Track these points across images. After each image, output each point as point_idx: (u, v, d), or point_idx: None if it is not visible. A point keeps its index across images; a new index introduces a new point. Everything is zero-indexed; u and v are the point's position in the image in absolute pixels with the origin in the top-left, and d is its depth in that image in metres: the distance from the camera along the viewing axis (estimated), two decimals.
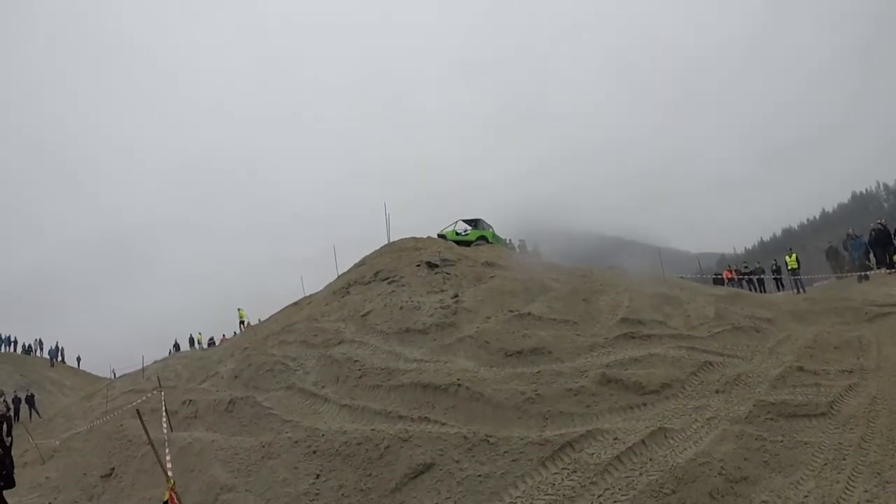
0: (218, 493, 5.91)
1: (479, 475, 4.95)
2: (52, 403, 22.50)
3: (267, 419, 7.72)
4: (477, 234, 16.81)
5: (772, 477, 4.95)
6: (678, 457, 5.07)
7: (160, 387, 10.49)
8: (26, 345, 32.95)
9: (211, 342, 27.27)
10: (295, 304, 19.20)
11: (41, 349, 32.71)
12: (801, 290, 13.41)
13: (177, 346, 29.64)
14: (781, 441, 5.49)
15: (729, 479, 4.80)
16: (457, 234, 16.82)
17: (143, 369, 19.37)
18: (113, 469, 8.62)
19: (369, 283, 12.04)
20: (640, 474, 4.88)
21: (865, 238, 12.04)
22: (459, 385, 6.70)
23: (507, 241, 18.85)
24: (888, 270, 11.05)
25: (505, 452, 5.22)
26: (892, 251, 11.64)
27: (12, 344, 31.93)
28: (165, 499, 4.44)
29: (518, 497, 4.71)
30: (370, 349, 8.76)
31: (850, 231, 12.43)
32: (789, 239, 62.84)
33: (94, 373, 32.24)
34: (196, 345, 28.31)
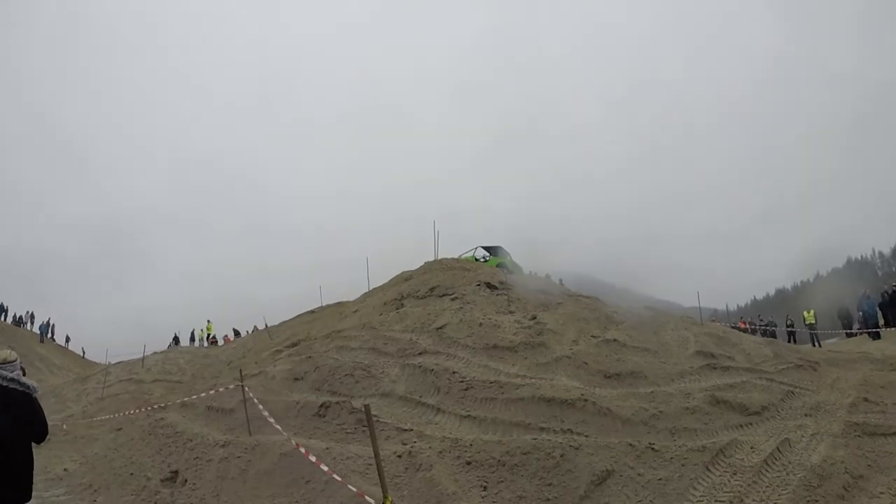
0: None
1: (660, 479, 6.04)
2: (40, 381, 21.45)
3: (377, 426, 7.89)
4: (496, 261, 18.18)
5: (878, 476, 6.47)
6: (810, 460, 6.49)
7: (178, 381, 10.80)
8: (17, 316, 32.99)
9: (214, 341, 27.94)
10: (311, 312, 19.67)
11: (32, 322, 32.86)
12: (818, 344, 15.75)
13: (176, 340, 29.60)
14: (872, 451, 7.07)
15: (853, 476, 6.26)
16: (476, 260, 18.12)
17: (143, 359, 19.01)
18: (176, 472, 8.24)
19: (425, 297, 13.01)
20: (788, 474, 6.25)
21: (879, 299, 14.55)
22: (586, 400, 7.81)
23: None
24: None
25: (672, 458, 6.38)
26: None
27: (3, 313, 31.96)
28: None
29: (701, 497, 5.87)
30: (461, 362, 9.70)
31: (866, 291, 14.89)
32: (782, 300, 67.02)
33: (84, 356, 32.84)
34: (197, 341, 28.64)
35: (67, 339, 34.65)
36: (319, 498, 6.26)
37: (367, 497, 5.03)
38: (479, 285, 12.95)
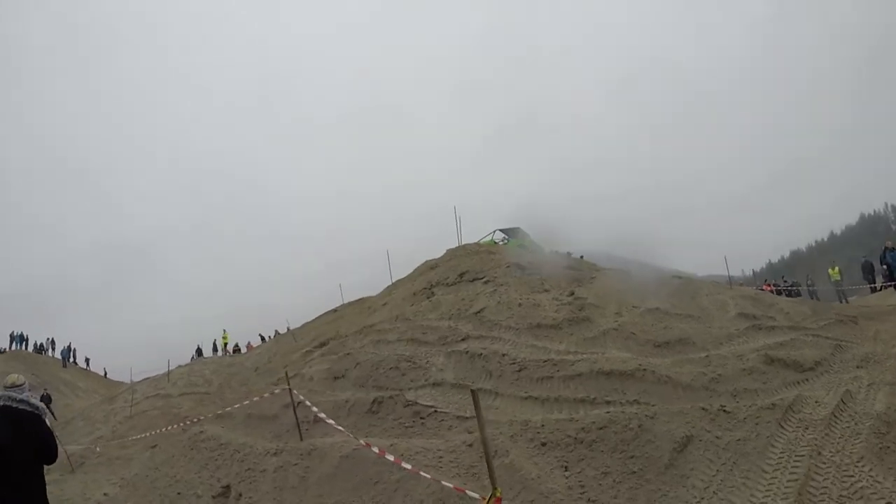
0: None
1: (738, 440, 6.20)
2: (66, 405, 22.00)
3: (435, 418, 7.97)
4: (516, 243, 18.34)
5: None
6: (874, 408, 6.73)
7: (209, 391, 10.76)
8: (38, 343, 33.86)
9: (237, 349, 28.48)
10: (333, 311, 19.80)
11: (53, 349, 33.67)
12: (845, 300, 16.07)
13: (199, 352, 30.06)
14: None
15: None
16: (495, 243, 18.27)
17: (168, 373, 19.14)
18: (228, 488, 7.97)
19: (455, 283, 13.16)
20: (857, 423, 6.49)
21: None
22: (644, 370, 8.01)
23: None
24: None
25: (745, 419, 6.57)
26: None
27: (24, 342, 32.80)
28: None
29: (781, 453, 6.08)
30: (508, 344, 9.88)
31: (889, 244, 15.13)
32: (798, 261, 67.74)
33: (106, 376, 33.58)
34: (220, 351, 29.09)
35: (87, 361, 35.23)
36: (394, 498, 6.14)
37: (468, 491, 4.96)
38: (508, 267, 13.12)
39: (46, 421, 4.99)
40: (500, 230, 18.95)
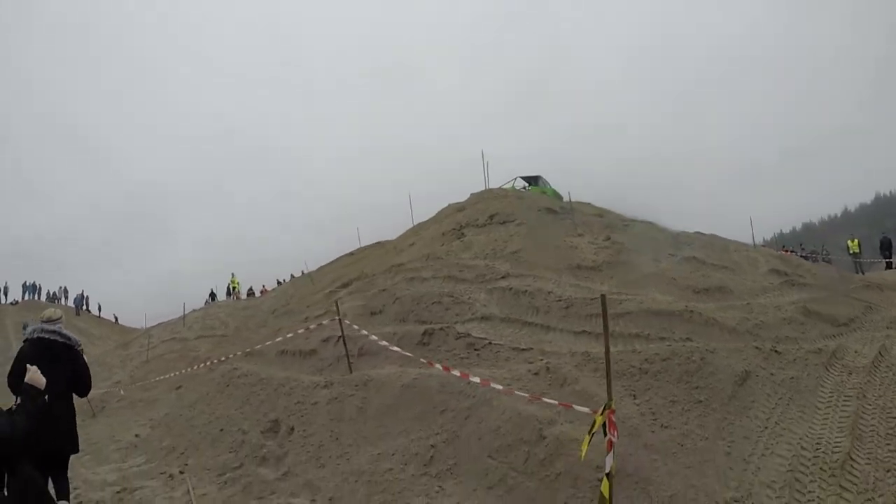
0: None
1: (791, 378, 6.68)
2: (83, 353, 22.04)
3: (490, 349, 7.93)
4: (538, 190, 18.55)
5: None
6: None
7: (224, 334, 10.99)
8: (51, 292, 35.01)
9: (251, 292, 28.98)
10: (350, 254, 19.97)
11: (66, 297, 34.60)
12: (861, 272, 16.78)
13: (213, 296, 30.47)
14: None
15: None
16: (516, 190, 18.45)
17: (184, 317, 19.34)
18: (276, 422, 7.69)
19: (485, 225, 13.42)
20: (894, 374, 7.08)
21: None
22: (692, 311, 8.47)
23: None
24: None
25: (794, 360, 7.07)
26: None
27: (37, 291, 34.07)
28: (600, 423, 3.95)
29: (831, 393, 6.61)
30: (551, 282, 10.24)
31: None
32: (809, 234, 69.14)
33: (118, 321, 34.60)
34: (233, 295, 29.49)
35: (100, 308, 35.85)
36: (466, 425, 6.01)
37: (576, 406, 4.93)
38: (540, 210, 13.38)
39: (83, 354, 5.30)
40: (522, 177, 19.10)
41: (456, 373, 6.35)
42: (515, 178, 18.77)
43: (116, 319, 35.48)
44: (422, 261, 12.67)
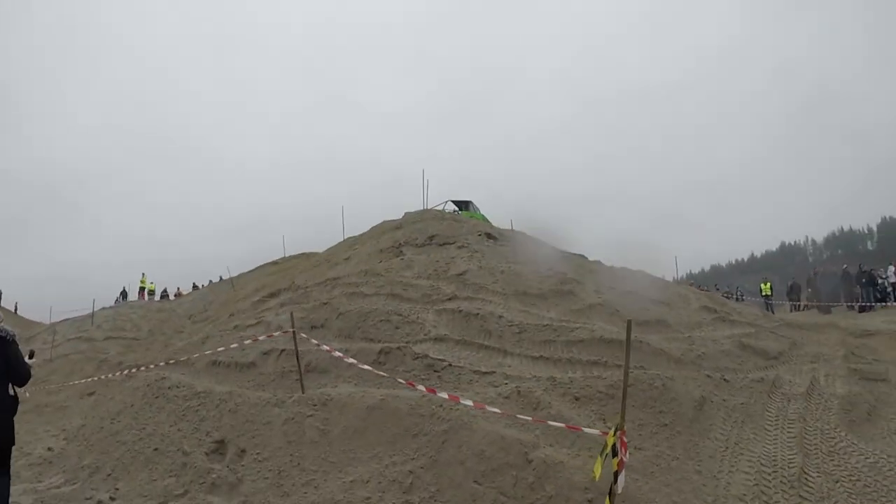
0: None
1: (742, 403, 7.08)
2: None
3: (451, 371, 7.92)
4: (468, 215, 18.86)
5: (885, 407, 8.15)
6: (837, 392, 8.02)
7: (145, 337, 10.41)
8: None
9: (164, 294, 28.05)
10: (274, 263, 19.01)
11: None
12: (773, 312, 18.32)
13: (124, 295, 28.48)
14: (873, 390, 8.85)
15: (871, 405, 7.86)
16: (451, 213, 18.67)
17: (93, 315, 17.45)
18: (222, 442, 7.27)
19: (425, 245, 13.39)
20: (826, 401, 7.69)
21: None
22: (641, 341, 8.81)
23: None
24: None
25: (741, 388, 7.51)
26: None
27: None
28: (611, 443, 3.97)
29: (776, 417, 7.07)
30: (500, 307, 10.29)
31: (817, 269, 17.53)
32: (718, 275, 73.81)
33: (17, 311, 30.77)
34: (146, 296, 28.10)
35: (16, 306, 31.21)
36: (446, 449, 5.85)
37: (585, 429, 5.11)
38: (480, 235, 13.57)
39: (15, 343, 5.46)
40: (453, 201, 19.34)
41: (444, 395, 6.06)
42: (446, 202, 19.02)
43: (16, 309, 31.04)
44: (360, 276, 12.40)
